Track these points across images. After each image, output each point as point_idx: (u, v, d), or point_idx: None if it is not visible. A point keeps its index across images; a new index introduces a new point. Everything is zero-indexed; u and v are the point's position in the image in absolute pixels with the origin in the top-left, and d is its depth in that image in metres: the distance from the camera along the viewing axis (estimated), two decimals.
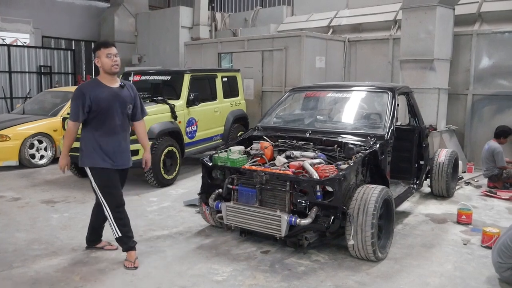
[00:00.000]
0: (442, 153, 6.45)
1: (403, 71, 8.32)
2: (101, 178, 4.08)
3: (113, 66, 4.02)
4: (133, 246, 4.19)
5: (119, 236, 4.12)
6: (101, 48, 4.02)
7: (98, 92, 3.98)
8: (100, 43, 4.10)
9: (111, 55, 4.00)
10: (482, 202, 6.37)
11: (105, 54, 3.99)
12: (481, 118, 8.63)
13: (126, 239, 4.15)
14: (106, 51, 4.00)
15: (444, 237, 4.94)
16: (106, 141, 4.03)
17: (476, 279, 3.93)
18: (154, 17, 15.52)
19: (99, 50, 4.02)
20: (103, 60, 4.00)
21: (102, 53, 4.00)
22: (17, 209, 5.90)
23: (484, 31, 8.55)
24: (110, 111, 4.02)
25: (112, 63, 4.00)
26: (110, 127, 4.05)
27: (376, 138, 4.71)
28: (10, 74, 13.88)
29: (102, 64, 4.02)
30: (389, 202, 4.38)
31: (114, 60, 4.01)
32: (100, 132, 4.03)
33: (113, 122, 4.05)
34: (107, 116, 4.01)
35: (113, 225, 4.11)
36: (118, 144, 4.10)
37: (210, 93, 8.53)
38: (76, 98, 3.96)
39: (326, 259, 4.29)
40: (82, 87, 4.03)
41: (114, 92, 4.06)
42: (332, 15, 11.92)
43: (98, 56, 4.03)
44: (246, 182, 4.35)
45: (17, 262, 4.20)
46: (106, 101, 3.99)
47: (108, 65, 4.00)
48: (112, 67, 4.01)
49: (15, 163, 8.28)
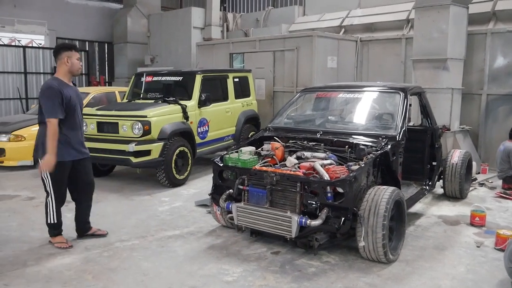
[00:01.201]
0: (455, 154, 6.39)
1: (415, 71, 8.25)
2: (57, 170, 4.39)
3: (79, 68, 4.61)
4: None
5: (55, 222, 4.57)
6: (73, 51, 4.50)
7: (68, 90, 4.44)
8: (72, 46, 4.58)
9: (79, 59, 4.58)
10: (496, 203, 6.30)
11: (76, 57, 4.51)
12: (495, 118, 8.51)
13: (60, 225, 4.65)
14: (77, 55, 4.54)
15: (457, 239, 4.89)
16: (72, 135, 4.48)
17: (489, 282, 3.88)
18: (167, 18, 15.60)
19: (71, 52, 4.47)
20: (74, 62, 4.49)
21: (74, 55, 4.50)
22: (32, 208, 5.99)
23: (498, 30, 8.44)
24: (76, 108, 4.51)
25: (79, 65, 4.57)
26: (75, 123, 4.53)
27: (387, 139, 4.68)
28: (26, 75, 14.09)
29: (71, 65, 4.48)
30: (400, 203, 4.34)
31: (80, 63, 4.61)
32: (67, 127, 4.44)
33: (77, 118, 4.55)
34: (73, 113, 4.48)
35: (53, 212, 4.52)
36: (81, 137, 4.64)
37: (221, 93, 8.55)
38: (53, 96, 4.32)
39: (337, 261, 4.28)
40: (55, 85, 4.38)
41: (75, 91, 4.60)
42: (344, 14, 11.87)
43: (69, 57, 4.46)
44: (257, 183, 4.36)
45: (31, 260, 4.27)
46: (74, 99, 4.48)
47: (77, 67, 4.54)
48: (79, 69, 4.59)
49: (30, 163, 8.40)
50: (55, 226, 4.59)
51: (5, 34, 14.68)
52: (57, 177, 4.45)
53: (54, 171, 4.35)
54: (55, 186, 4.47)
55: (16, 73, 13.89)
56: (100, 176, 7.70)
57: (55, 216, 4.53)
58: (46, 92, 4.36)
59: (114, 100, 9.71)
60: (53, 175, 4.41)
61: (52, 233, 4.63)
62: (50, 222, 4.55)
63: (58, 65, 4.53)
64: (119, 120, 6.84)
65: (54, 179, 4.44)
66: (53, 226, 4.59)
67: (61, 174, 4.47)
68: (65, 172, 4.51)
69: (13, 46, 14.36)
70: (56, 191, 4.49)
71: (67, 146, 4.44)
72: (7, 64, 13.70)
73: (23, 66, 13.98)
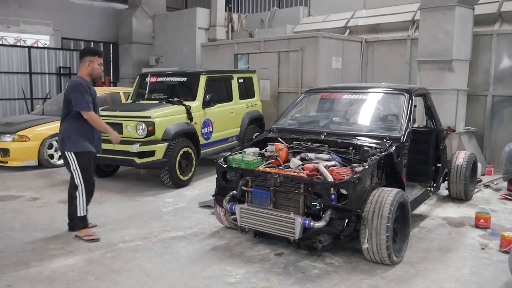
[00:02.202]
0: (460, 156, 6.35)
1: (421, 72, 8.22)
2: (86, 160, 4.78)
3: (99, 74, 5.02)
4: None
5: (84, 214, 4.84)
6: (96, 56, 4.86)
7: (92, 89, 4.82)
8: (97, 51, 4.95)
9: (101, 64, 4.92)
10: (501, 205, 6.25)
11: (98, 62, 4.86)
12: (501, 120, 8.46)
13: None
14: (99, 60, 4.88)
15: (461, 241, 4.86)
16: (91, 131, 4.82)
17: (493, 284, 3.85)
18: (171, 19, 15.63)
19: (94, 57, 4.84)
20: (95, 67, 4.85)
21: (97, 60, 4.86)
22: (36, 208, 6.00)
23: (504, 31, 8.40)
24: (97, 107, 4.91)
25: (100, 70, 4.94)
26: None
27: (392, 141, 4.66)
28: (31, 75, 14.16)
29: (92, 69, 4.84)
30: (404, 205, 4.32)
31: (101, 69, 4.99)
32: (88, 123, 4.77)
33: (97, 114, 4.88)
34: (95, 111, 4.83)
35: (83, 204, 4.80)
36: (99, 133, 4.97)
37: (226, 94, 8.55)
38: (84, 91, 4.69)
39: (340, 262, 4.26)
40: (85, 83, 4.77)
41: (95, 91, 4.92)
42: (349, 15, 11.85)
43: (91, 61, 4.82)
44: (261, 184, 4.34)
45: (34, 261, 4.27)
46: (95, 98, 4.88)
47: (97, 72, 4.92)
48: (98, 74, 4.99)
49: (34, 163, 8.43)
50: (84, 218, 4.83)
51: (10, 34, 14.79)
52: (87, 167, 4.79)
53: (84, 161, 4.73)
54: (85, 177, 4.76)
55: (21, 73, 13.95)
56: (104, 177, 7.73)
57: (85, 208, 4.80)
58: (78, 87, 4.70)
59: (118, 100, 9.74)
60: (83, 166, 4.74)
61: (80, 226, 4.83)
62: (80, 214, 4.78)
63: (81, 67, 4.88)
64: (123, 121, 6.85)
65: (84, 169, 4.75)
66: (82, 219, 4.81)
67: (90, 164, 4.83)
68: (92, 162, 4.87)
69: (18, 47, 14.45)
70: (86, 181, 4.77)
71: (92, 139, 4.83)
72: (13, 64, 13.77)
73: (28, 67, 14.04)
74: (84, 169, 4.75)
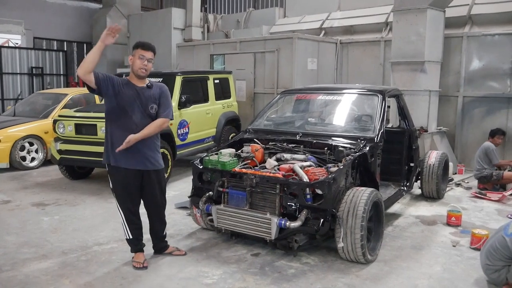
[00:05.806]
0: (432, 155, 6.49)
1: (394, 73, 8.37)
2: (114, 177, 4.11)
3: (141, 69, 3.97)
4: (142, 248, 4.31)
5: (130, 238, 4.23)
6: (138, 48, 3.99)
7: (123, 88, 3.96)
8: (139, 43, 4.04)
9: (144, 57, 3.96)
10: (472, 203, 6.42)
11: (138, 54, 3.96)
12: (471, 120, 8.69)
13: (137, 241, 4.27)
14: (141, 52, 3.96)
15: (434, 239, 4.97)
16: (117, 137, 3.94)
17: (464, 281, 3.96)
18: (146, 19, 15.48)
19: (137, 49, 3.98)
20: (135, 60, 3.98)
21: (137, 52, 3.97)
22: (7, 212, 5.87)
23: (474, 34, 8.62)
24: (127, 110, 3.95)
25: (141, 65, 3.96)
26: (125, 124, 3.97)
27: (366, 141, 4.74)
28: (1, 75, 13.82)
29: (133, 63, 3.99)
30: (378, 204, 4.40)
31: (144, 63, 3.97)
32: (115, 127, 3.99)
33: (130, 120, 3.96)
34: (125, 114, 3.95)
35: (125, 227, 4.19)
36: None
37: (202, 95, 8.51)
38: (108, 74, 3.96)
39: (316, 262, 4.31)
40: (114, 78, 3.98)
41: (136, 91, 4.00)
42: (324, 17, 11.96)
43: (133, 54, 4.01)
44: (237, 185, 4.36)
45: (6, 265, 4.18)
46: (126, 99, 3.95)
47: (137, 66, 3.97)
48: (139, 69, 3.97)
49: (5, 165, 8.24)
50: (130, 241, 4.25)
51: None
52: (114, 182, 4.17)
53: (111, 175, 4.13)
54: (114, 192, 4.21)
55: None
56: (78, 178, 7.62)
57: (128, 232, 4.20)
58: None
59: (92, 101, 9.60)
60: (111, 180, 4.16)
61: (132, 249, 4.29)
62: (125, 237, 4.27)
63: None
64: (98, 122, 6.75)
65: (112, 184, 4.17)
66: (129, 242, 4.27)
67: (117, 179, 4.16)
68: (119, 178, 4.12)
69: None
70: (116, 197, 4.21)
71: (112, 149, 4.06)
72: None
73: None
74: (114, 186, 4.20)
